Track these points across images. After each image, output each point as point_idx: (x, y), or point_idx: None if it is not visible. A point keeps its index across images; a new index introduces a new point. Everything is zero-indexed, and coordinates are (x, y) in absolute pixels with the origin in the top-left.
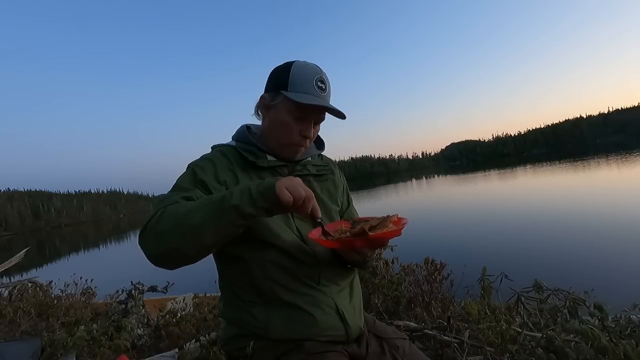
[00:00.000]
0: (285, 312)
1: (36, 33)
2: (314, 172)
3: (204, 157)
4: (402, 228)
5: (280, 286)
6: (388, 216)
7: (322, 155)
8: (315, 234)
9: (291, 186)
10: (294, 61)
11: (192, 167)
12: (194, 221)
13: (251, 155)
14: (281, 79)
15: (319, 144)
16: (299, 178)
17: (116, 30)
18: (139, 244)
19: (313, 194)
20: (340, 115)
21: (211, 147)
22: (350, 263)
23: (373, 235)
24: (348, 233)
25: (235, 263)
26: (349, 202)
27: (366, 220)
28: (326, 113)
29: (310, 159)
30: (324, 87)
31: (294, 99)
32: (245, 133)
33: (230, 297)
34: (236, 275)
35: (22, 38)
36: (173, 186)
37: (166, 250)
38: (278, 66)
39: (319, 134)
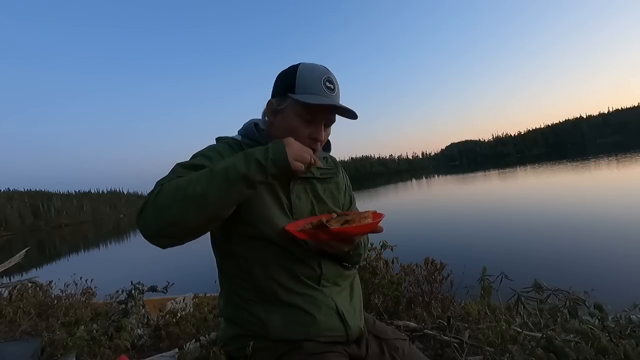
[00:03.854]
0: (285, 312)
1: (36, 32)
2: (317, 176)
3: (210, 147)
4: (375, 224)
5: (280, 285)
6: (366, 212)
7: (327, 157)
8: (291, 226)
9: (299, 156)
10: (300, 63)
11: (197, 155)
12: (197, 190)
13: None
14: (288, 82)
15: (326, 145)
16: (293, 140)
17: (116, 30)
18: (137, 223)
19: (311, 151)
20: (351, 114)
21: (216, 139)
22: (335, 258)
23: (335, 229)
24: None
25: (235, 261)
26: (351, 202)
27: (347, 214)
28: (337, 115)
29: None
30: (332, 88)
31: (303, 100)
32: (252, 129)
33: (230, 294)
34: (236, 273)
35: (22, 37)
36: (172, 168)
37: (168, 224)
38: (284, 70)
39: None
